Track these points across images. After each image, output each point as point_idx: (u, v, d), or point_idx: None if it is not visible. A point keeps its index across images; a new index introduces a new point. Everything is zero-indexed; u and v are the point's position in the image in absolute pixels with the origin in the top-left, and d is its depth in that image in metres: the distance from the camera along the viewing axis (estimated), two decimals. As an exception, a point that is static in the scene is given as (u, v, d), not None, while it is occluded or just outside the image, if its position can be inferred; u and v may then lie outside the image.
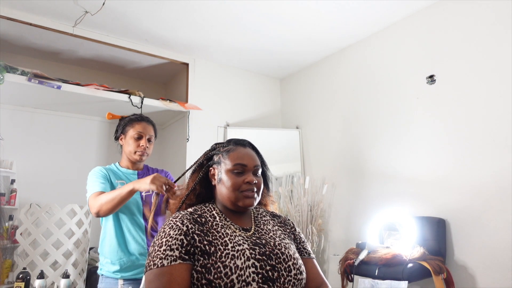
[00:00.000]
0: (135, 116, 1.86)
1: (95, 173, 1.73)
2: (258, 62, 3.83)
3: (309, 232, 3.15)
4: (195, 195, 1.14)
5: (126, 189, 1.56)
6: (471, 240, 2.36)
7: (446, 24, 2.65)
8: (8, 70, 2.70)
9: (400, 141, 2.86)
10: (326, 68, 3.67)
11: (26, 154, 3.29)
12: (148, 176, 1.54)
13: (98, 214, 1.59)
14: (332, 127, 3.51)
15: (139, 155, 1.78)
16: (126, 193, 1.56)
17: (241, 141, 1.17)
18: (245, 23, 3.05)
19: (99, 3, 2.70)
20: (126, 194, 1.56)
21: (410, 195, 2.73)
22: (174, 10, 2.85)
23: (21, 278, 2.25)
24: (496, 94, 2.33)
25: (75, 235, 2.62)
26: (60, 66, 3.64)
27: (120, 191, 1.56)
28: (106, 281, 1.67)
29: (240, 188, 1.07)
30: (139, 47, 3.38)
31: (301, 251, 1.14)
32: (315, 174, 3.54)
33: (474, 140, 2.41)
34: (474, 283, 2.31)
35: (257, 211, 1.18)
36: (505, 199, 2.21)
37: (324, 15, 2.91)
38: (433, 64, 2.69)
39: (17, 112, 3.31)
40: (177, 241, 0.95)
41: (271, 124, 4.07)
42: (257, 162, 1.13)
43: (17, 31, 3.05)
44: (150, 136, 1.82)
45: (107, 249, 1.69)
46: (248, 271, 0.93)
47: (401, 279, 2.12)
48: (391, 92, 2.98)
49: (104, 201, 1.57)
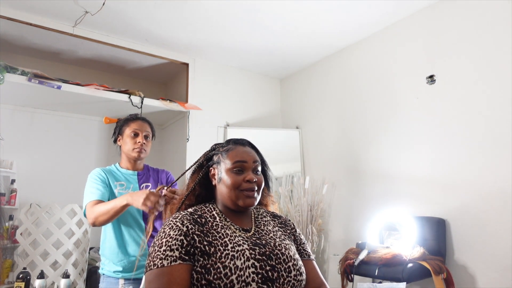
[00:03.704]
0: (131, 116, 1.87)
1: (94, 177, 1.72)
2: (258, 62, 3.83)
3: (309, 232, 3.15)
4: (194, 195, 1.14)
5: (120, 203, 1.55)
6: (471, 240, 2.35)
7: (446, 24, 2.65)
8: (8, 70, 2.70)
9: (400, 141, 2.86)
10: (326, 68, 3.67)
11: (26, 154, 3.29)
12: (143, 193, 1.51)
13: (94, 224, 1.61)
14: (332, 127, 3.51)
15: (137, 152, 1.78)
16: (121, 208, 1.56)
17: (240, 140, 1.17)
18: (245, 23, 3.05)
19: (99, 3, 2.70)
20: (120, 209, 1.56)
21: (410, 195, 2.73)
22: (174, 10, 2.85)
23: (21, 278, 2.25)
24: (496, 94, 2.33)
25: (75, 235, 2.62)
26: (60, 66, 3.64)
27: (115, 205, 1.56)
28: (107, 280, 1.68)
29: (241, 187, 1.06)
30: (139, 47, 3.38)
31: (301, 252, 1.14)
32: (315, 174, 3.54)
33: (474, 140, 2.41)
34: (474, 283, 2.31)
35: (257, 211, 1.18)
36: (505, 199, 2.21)
37: (324, 15, 2.91)
38: (433, 64, 2.69)
39: (17, 112, 3.31)
40: (177, 242, 0.95)
41: (271, 124, 4.07)
42: (256, 158, 1.13)
43: (17, 31, 3.05)
44: (146, 133, 1.82)
45: (107, 251, 1.69)
46: (247, 272, 0.93)
47: (401, 279, 2.12)
48: (391, 92, 2.98)
49: (99, 213, 1.57)
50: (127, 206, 1.56)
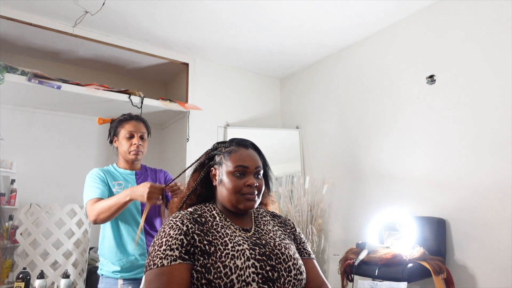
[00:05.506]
0: (124, 116, 1.84)
1: (93, 176, 1.72)
2: (258, 62, 3.83)
3: (309, 232, 3.15)
4: (196, 195, 1.14)
5: (122, 199, 1.54)
6: (471, 240, 2.35)
7: (446, 24, 2.65)
8: (8, 70, 2.70)
9: (400, 140, 2.86)
10: (326, 68, 3.67)
11: (26, 154, 3.29)
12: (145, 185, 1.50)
13: (95, 221, 1.59)
14: (332, 127, 3.51)
15: (133, 154, 1.77)
16: (123, 203, 1.55)
17: (243, 141, 1.15)
18: (245, 23, 3.05)
19: (99, 3, 2.70)
20: (122, 204, 1.55)
21: (410, 195, 2.73)
22: (174, 10, 2.85)
23: (21, 278, 2.25)
24: (496, 94, 2.33)
25: (75, 235, 2.62)
26: (60, 66, 3.64)
27: (117, 200, 1.55)
28: (106, 281, 1.68)
29: (241, 191, 1.06)
30: (139, 47, 3.38)
31: (301, 251, 1.13)
32: (315, 174, 3.54)
33: (474, 140, 2.41)
34: (474, 283, 2.31)
35: (257, 211, 1.18)
36: (505, 199, 2.21)
37: (323, 15, 2.91)
38: (433, 64, 2.69)
39: (17, 112, 3.31)
40: (177, 241, 0.95)
41: (271, 124, 4.07)
42: (258, 163, 1.11)
43: (17, 31, 3.05)
44: (142, 134, 1.80)
45: (106, 251, 1.69)
46: (248, 271, 0.93)
47: (401, 279, 2.12)
48: (391, 92, 2.98)
49: (100, 209, 1.56)
50: (130, 201, 1.56)
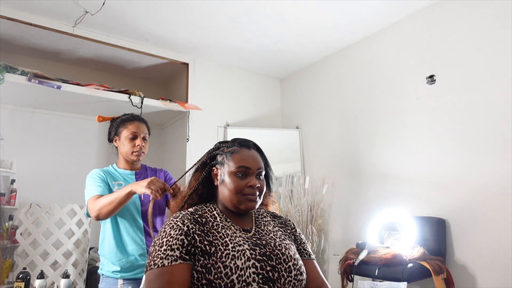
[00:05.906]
0: (127, 116, 1.83)
1: (93, 176, 1.72)
2: (258, 62, 3.83)
3: (309, 232, 3.15)
4: (197, 195, 1.14)
5: (124, 191, 1.54)
6: (471, 240, 2.36)
7: (446, 24, 2.65)
8: (8, 70, 2.70)
9: (401, 141, 2.86)
10: (326, 68, 3.67)
11: (26, 154, 3.29)
12: (146, 179, 1.52)
13: (97, 217, 1.59)
14: (332, 127, 3.51)
15: (136, 155, 1.77)
16: (124, 196, 1.54)
17: (246, 142, 1.15)
18: (245, 23, 3.05)
19: (99, 3, 2.70)
20: (124, 197, 1.55)
21: (410, 195, 2.73)
22: (174, 10, 2.85)
23: (21, 278, 2.25)
24: (496, 94, 2.33)
25: (75, 235, 2.62)
26: (60, 66, 3.64)
27: (118, 194, 1.55)
28: (106, 280, 1.68)
29: (243, 192, 1.06)
30: (139, 47, 3.38)
31: (302, 252, 1.14)
32: (315, 174, 3.54)
33: (474, 140, 2.41)
34: (474, 283, 2.31)
35: (258, 211, 1.18)
36: (505, 199, 2.21)
37: (324, 15, 2.91)
38: (433, 64, 2.69)
39: (17, 112, 3.31)
40: (178, 241, 0.95)
41: (271, 124, 4.07)
42: (261, 164, 1.11)
43: (17, 31, 3.05)
44: (144, 135, 1.80)
45: (106, 251, 1.69)
46: (248, 272, 0.93)
47: (401, 279, 2.12)
48: (391, 92, 2.98)
49: (103, 204, 1.56)
50: (131, 194, 1.55)
